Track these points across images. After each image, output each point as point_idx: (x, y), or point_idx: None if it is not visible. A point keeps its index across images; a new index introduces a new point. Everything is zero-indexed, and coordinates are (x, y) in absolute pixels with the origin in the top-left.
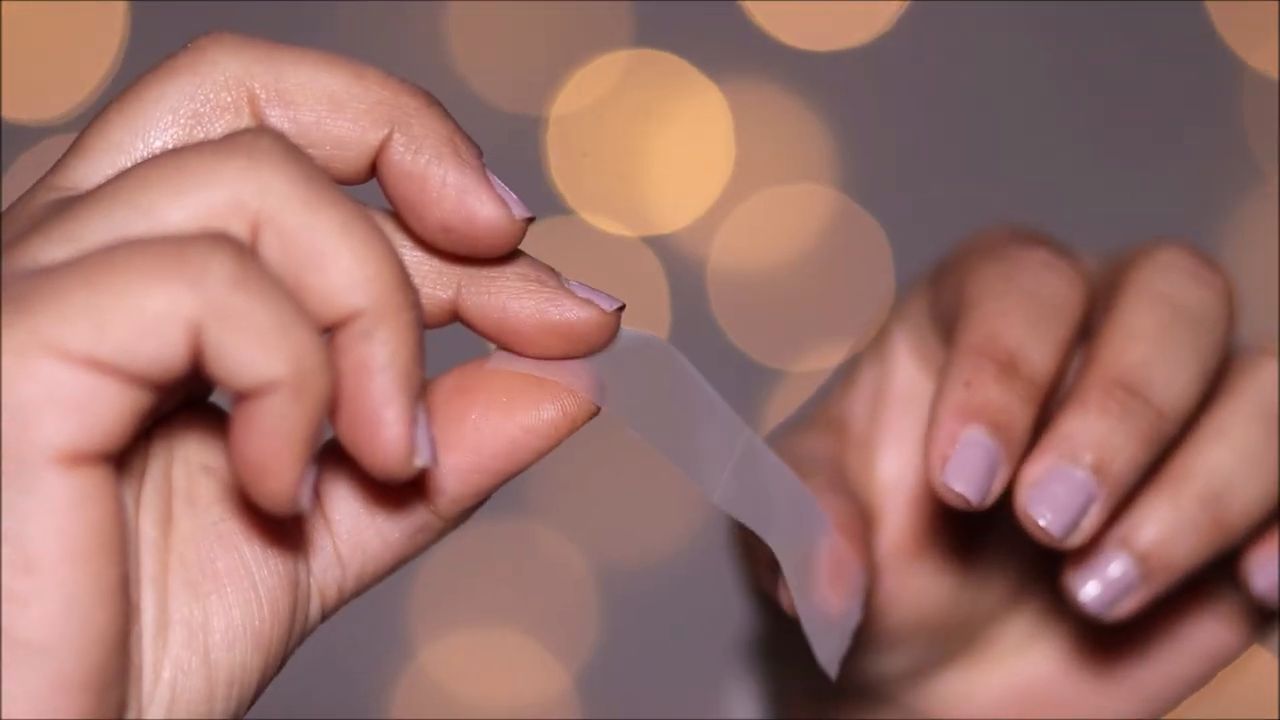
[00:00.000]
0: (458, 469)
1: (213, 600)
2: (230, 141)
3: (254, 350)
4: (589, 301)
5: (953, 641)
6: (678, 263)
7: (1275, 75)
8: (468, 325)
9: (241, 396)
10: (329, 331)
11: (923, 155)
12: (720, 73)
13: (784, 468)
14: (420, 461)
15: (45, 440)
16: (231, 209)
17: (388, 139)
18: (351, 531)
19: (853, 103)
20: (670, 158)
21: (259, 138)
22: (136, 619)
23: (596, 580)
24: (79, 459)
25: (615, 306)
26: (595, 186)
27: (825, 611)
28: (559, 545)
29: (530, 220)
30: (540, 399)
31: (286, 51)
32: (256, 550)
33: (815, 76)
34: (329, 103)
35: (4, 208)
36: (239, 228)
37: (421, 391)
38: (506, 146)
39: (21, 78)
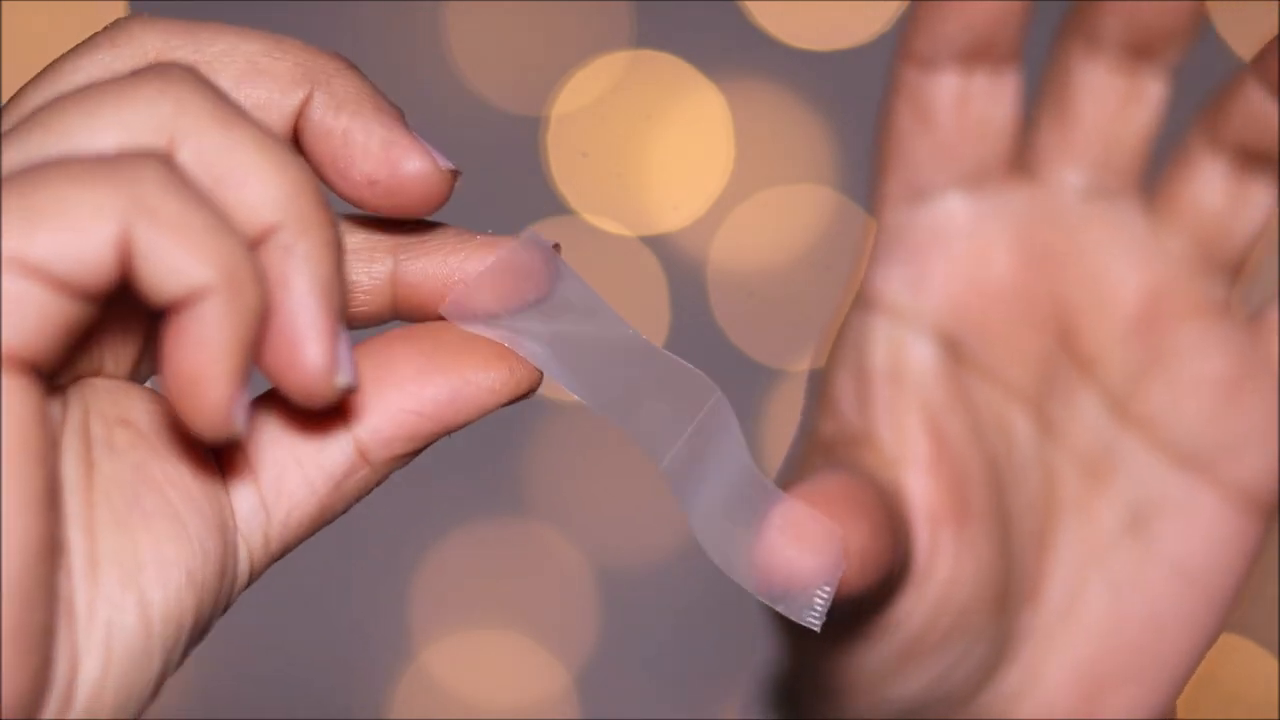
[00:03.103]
0: (394, 408)
1: (141, 536)
2: (141, 71)
3: (185, 252)
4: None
5: (1008, 614)
6: (678, 263)
7: None
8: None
9: (172, 309)
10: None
11: None
12: (720, 73)
13: (741, 444)
14: (342, 380)
15: None
16: (148, 128)
17: (308, 99)
18: (276, 479)
19: (853, 103)
20: (670, 158)
21: (170, 66)
22: (64, 555)
23: (596, 580)
24: (8, 363)
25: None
26: (595, 186)
27: (792, 572)
28: (559, 545)
29: (456, 174)
30: (490, 358)
31: (206, 26)
32: (180, 493)
33: (815, 76)
34: (248, 67)
35: None
36: (157, 146)
37: (343, 312)
38: (506, 146)
39: (21, 78)
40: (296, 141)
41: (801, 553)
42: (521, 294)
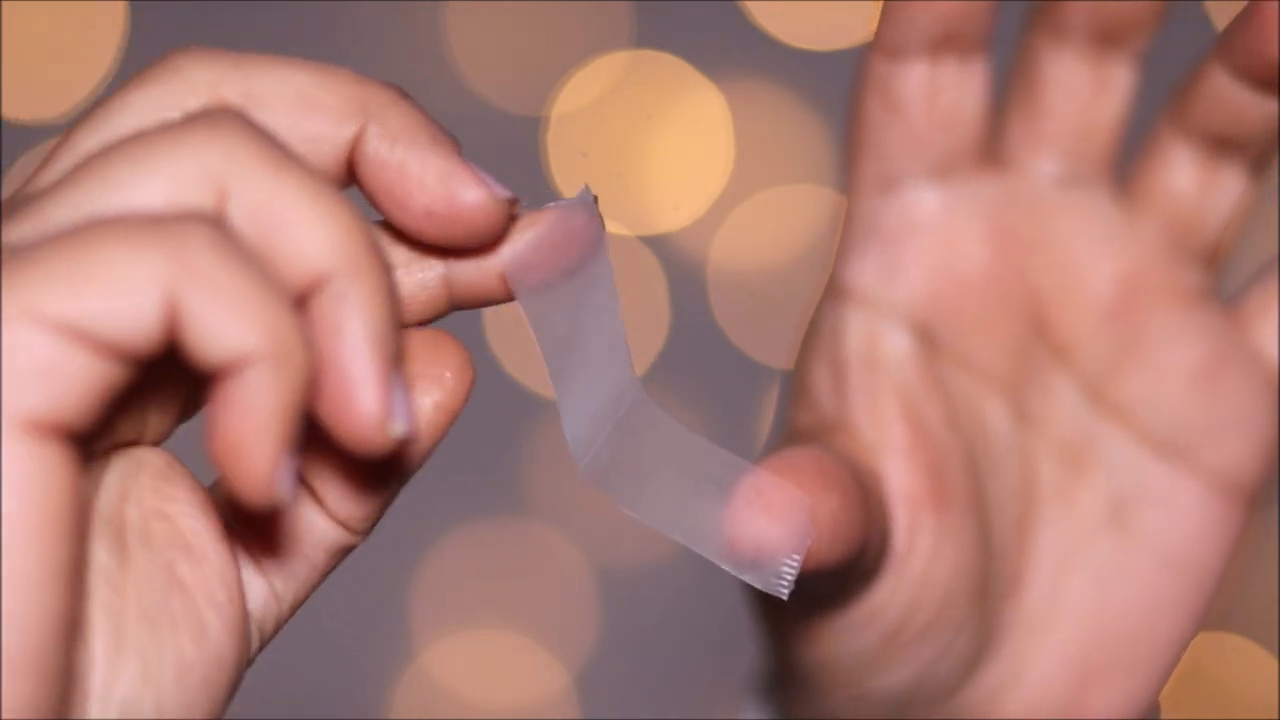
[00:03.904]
0: (364, 479)
1: (165, 636)
2: (191, 118)
3: (232, 318)
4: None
5: (990, 605)
6: (677, 263)
7: None
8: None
9: (219, 375)
10: (301, 302)
11: None
12: (720, 73)
13: (678, 428)
14: (398, 429)
15: (13, 405)
16: (197, 179)
17: (362, 131)
18: (282, 565)
19: None
20: (670, 158)
21: (220, 113)
22: (87, 635)
23: (596, 580)
24: (45, 429)
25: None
26: (595, 186)
27: (760, 541)
28: (559, 545)
29: (514, 202)
30: (427, 386)
31: (256, 58)
32: (205, 597)
33: (815, 76)
34: (300, 100)
35: None
36: (206, 199)
37: (399, 360)
38: (506, 146)
39: (21, 78)
40: (352, 174)
41: (769, 521)
42: (570, 259)
